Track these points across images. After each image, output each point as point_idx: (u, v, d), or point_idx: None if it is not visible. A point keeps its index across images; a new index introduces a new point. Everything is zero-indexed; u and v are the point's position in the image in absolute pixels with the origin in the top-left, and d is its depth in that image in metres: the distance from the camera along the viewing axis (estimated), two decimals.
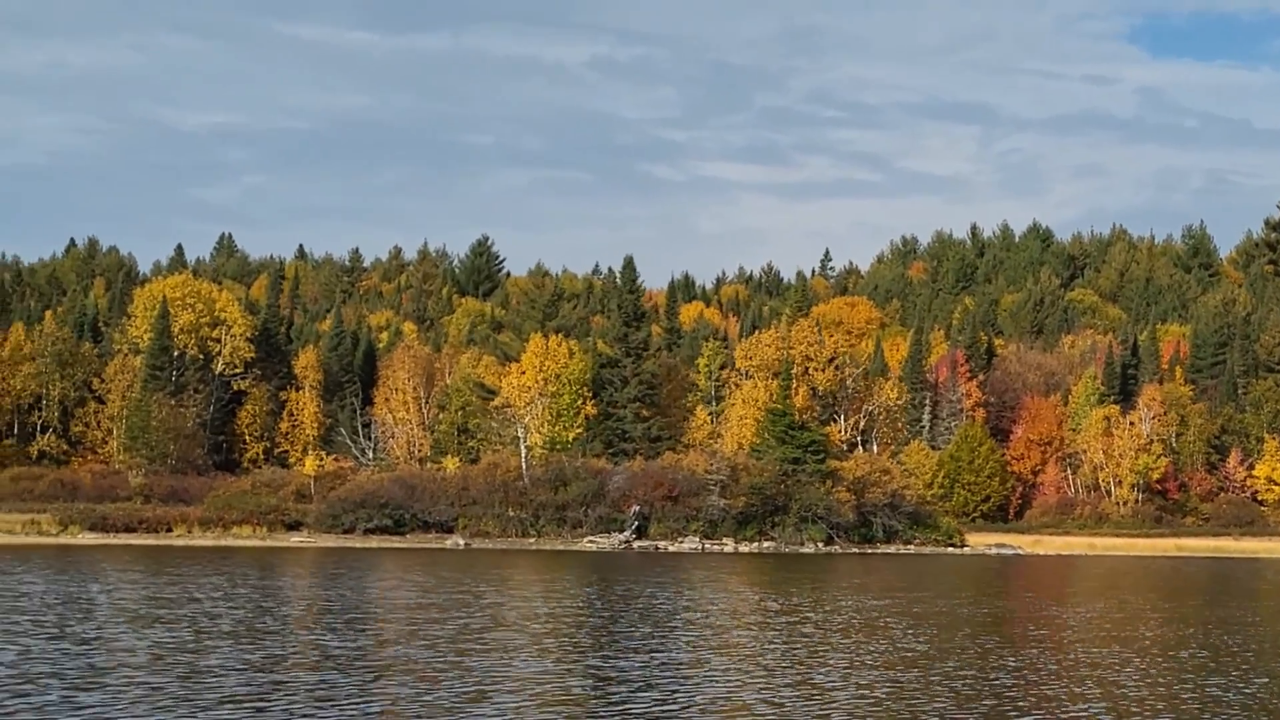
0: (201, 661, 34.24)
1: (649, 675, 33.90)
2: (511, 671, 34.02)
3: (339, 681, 31.48)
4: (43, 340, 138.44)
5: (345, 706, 28.13)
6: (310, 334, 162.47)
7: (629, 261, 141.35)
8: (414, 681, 31.74)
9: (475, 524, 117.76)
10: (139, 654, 35.47)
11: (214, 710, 27.34)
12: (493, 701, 29.26)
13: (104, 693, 29.12)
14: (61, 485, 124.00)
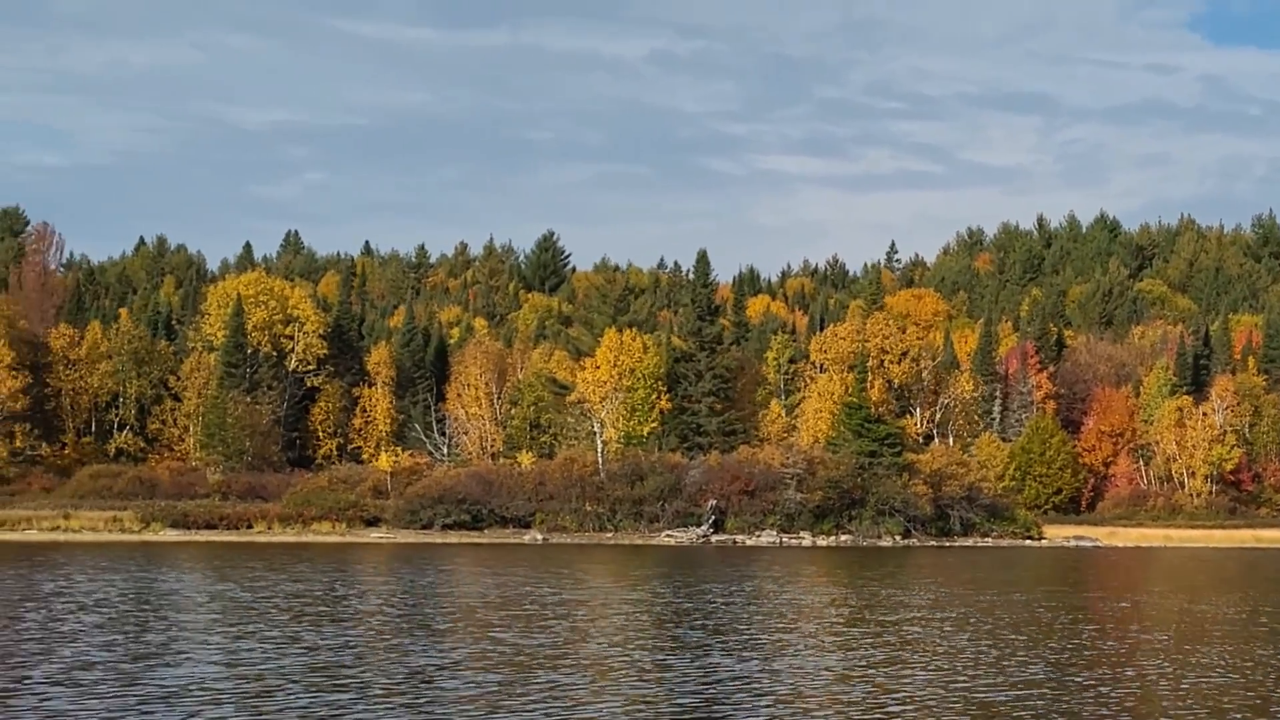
0: (415, 660, 34.23)
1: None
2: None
3: (576, 682, 31.44)
4: (119, 339, 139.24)
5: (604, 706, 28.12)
6: (381, 330, 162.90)
7: (702, 255, 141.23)
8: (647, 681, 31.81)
9: (552, 519, 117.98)
10: (343, 653, 35.48)
11: (468, 711, 27.39)
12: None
13: (349, 692, 29.14)
14: (140, 483, 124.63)
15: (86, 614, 43.97)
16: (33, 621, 41.37)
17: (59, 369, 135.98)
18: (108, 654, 34.43)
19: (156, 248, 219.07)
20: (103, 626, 40.49)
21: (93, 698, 27.83)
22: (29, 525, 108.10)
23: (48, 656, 33.64)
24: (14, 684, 29.30)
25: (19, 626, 40.05)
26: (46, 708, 26.59)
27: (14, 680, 29.81)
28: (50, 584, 56.77)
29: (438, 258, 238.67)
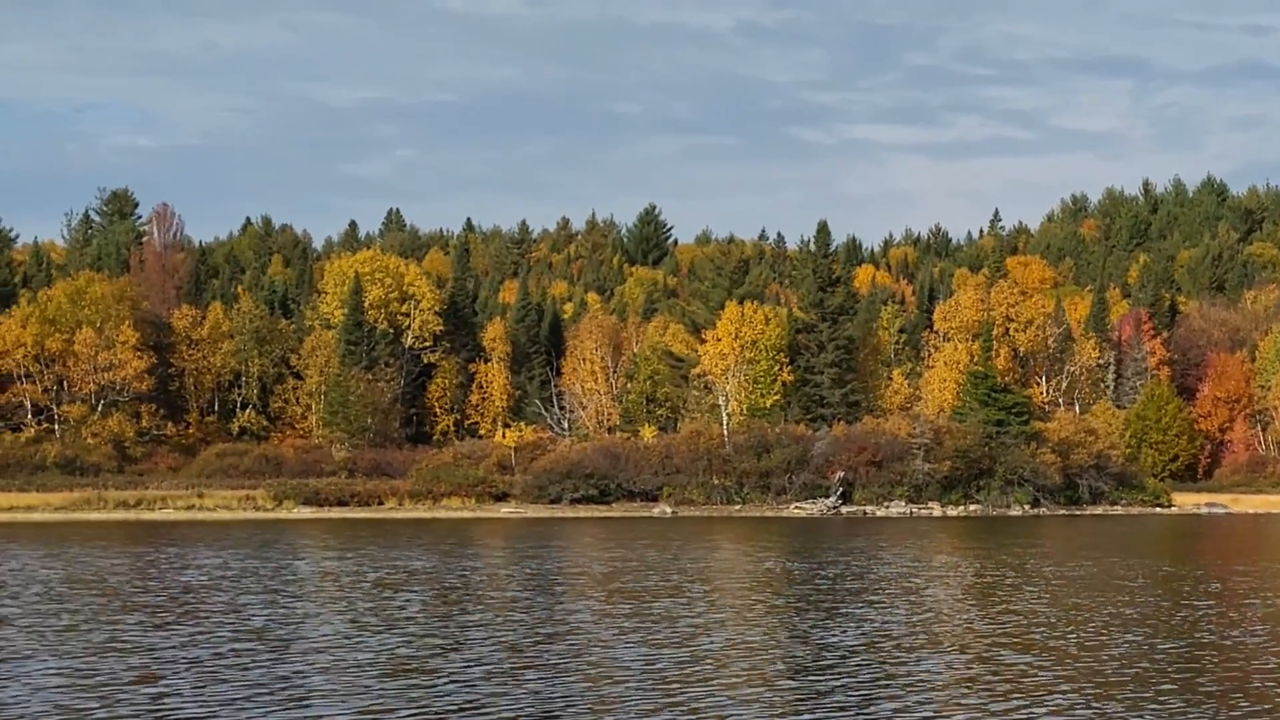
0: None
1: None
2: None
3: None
4: (240, 318, 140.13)
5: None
6: (494, 307, 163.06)
7: (823, 226, 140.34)
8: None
9: (680, 492, 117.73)
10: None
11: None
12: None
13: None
14: (266, 461, 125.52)
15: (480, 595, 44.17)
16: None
17: (182, 349, 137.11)
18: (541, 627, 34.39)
19: (263, 227, 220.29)
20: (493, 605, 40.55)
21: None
22: (164, 504, 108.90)
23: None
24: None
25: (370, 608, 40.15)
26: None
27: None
28: (303, 564, 57.03)
29: (539, 233, 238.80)
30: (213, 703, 24.49)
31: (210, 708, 24.05)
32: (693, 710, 24.13)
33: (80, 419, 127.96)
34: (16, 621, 35.76)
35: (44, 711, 23.55)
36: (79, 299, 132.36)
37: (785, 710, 24.21)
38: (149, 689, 25.66)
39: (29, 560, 57.66)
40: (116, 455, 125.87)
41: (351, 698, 24.90)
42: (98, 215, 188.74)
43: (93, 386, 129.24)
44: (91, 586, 45.64)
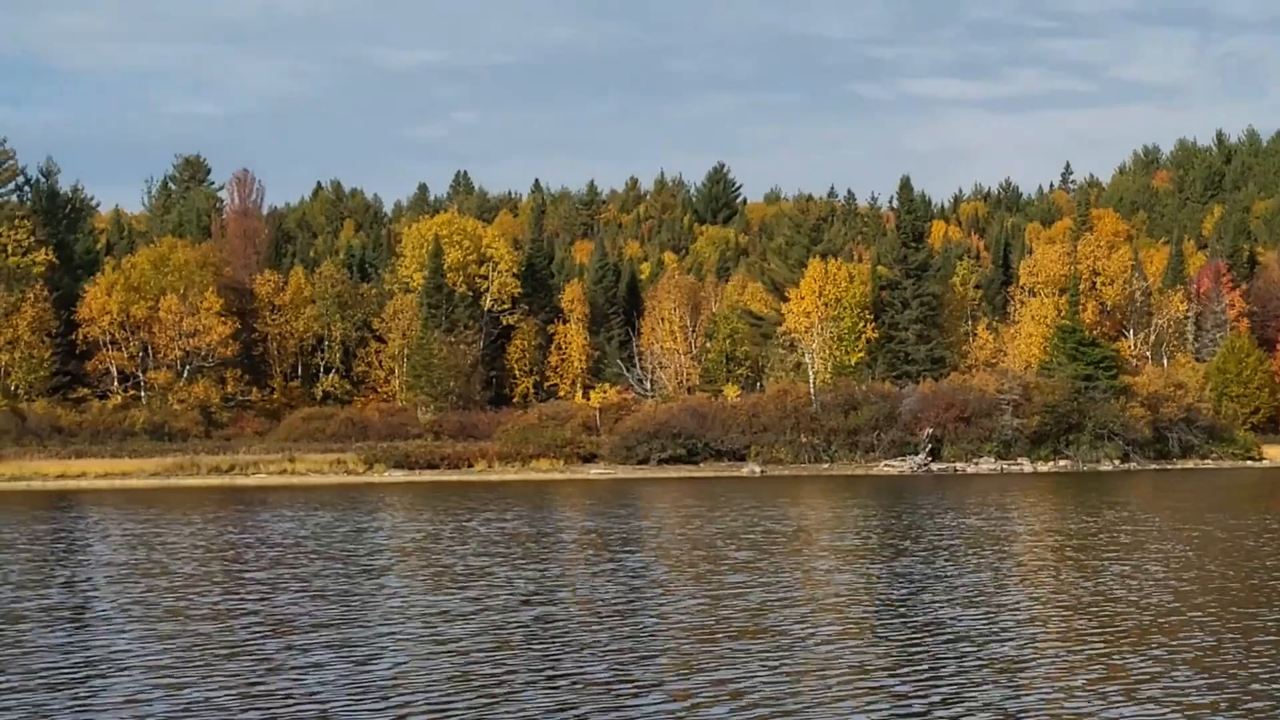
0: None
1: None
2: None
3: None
4: (323, 283, 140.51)
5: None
6: (570, 268, 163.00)
7: (905, 181, 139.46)
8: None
9: (767, 451, 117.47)
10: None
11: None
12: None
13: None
14: (352, 424, 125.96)
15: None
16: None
17: (265, 314, 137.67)
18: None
19: (333, 192, 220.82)
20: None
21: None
22: (256, 469, 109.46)
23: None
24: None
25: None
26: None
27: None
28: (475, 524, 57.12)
29: (607, 193, 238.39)
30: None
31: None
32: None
33: (166, 385, 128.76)
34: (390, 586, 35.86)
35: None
36: (162, 266, 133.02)
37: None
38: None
39: (232, 525, 57.96)
40: (203, 421, 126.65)
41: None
42: (172, 183, 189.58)
43: (178, 353, 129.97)
44: (381, 552, 45.53)
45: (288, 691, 21.96)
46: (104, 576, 38.49)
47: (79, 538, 52.34)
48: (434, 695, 21.60)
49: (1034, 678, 22.89)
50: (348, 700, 21.30)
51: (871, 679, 22.86)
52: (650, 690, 21.76)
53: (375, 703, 21.15)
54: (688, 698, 21.28)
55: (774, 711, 20.35)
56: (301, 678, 23.09)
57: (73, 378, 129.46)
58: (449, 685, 22.36)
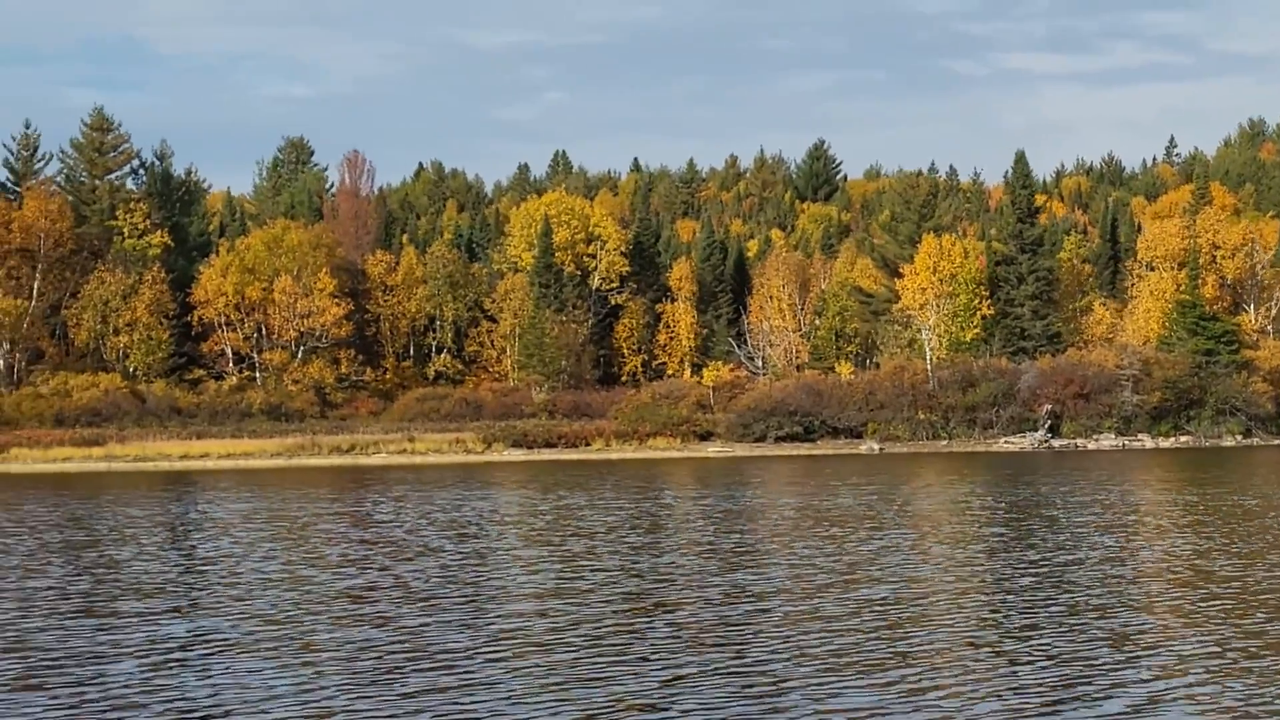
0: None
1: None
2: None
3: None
4: (434, 263, 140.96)
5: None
6: (677, 247, 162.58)
7: (1020, 156, 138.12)
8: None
9: (885, 429, 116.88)
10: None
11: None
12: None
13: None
14: (466, 404, 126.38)
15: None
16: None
17: (377, 295, 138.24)
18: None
19: (435, 173, 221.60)
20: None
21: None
22: (376, 449, 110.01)
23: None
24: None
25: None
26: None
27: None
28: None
29: (706, 171, 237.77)
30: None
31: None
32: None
33: (281, 366, 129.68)
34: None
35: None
36: (276, 247, 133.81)
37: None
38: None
39: (428, 503, 58.26)
40: (318, 401, 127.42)
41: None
42: (270, 165, 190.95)
43: (292, 334, 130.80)
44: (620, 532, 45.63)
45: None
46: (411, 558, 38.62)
47: (282, 515, 52.65)
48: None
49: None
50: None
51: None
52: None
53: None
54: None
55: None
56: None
57: (188, 359, 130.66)
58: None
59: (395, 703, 19.46)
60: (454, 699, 19.62)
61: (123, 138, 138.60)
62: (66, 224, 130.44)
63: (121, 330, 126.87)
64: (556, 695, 19.74)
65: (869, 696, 19.49)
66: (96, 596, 30.60)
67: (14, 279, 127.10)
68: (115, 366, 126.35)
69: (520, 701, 19.39)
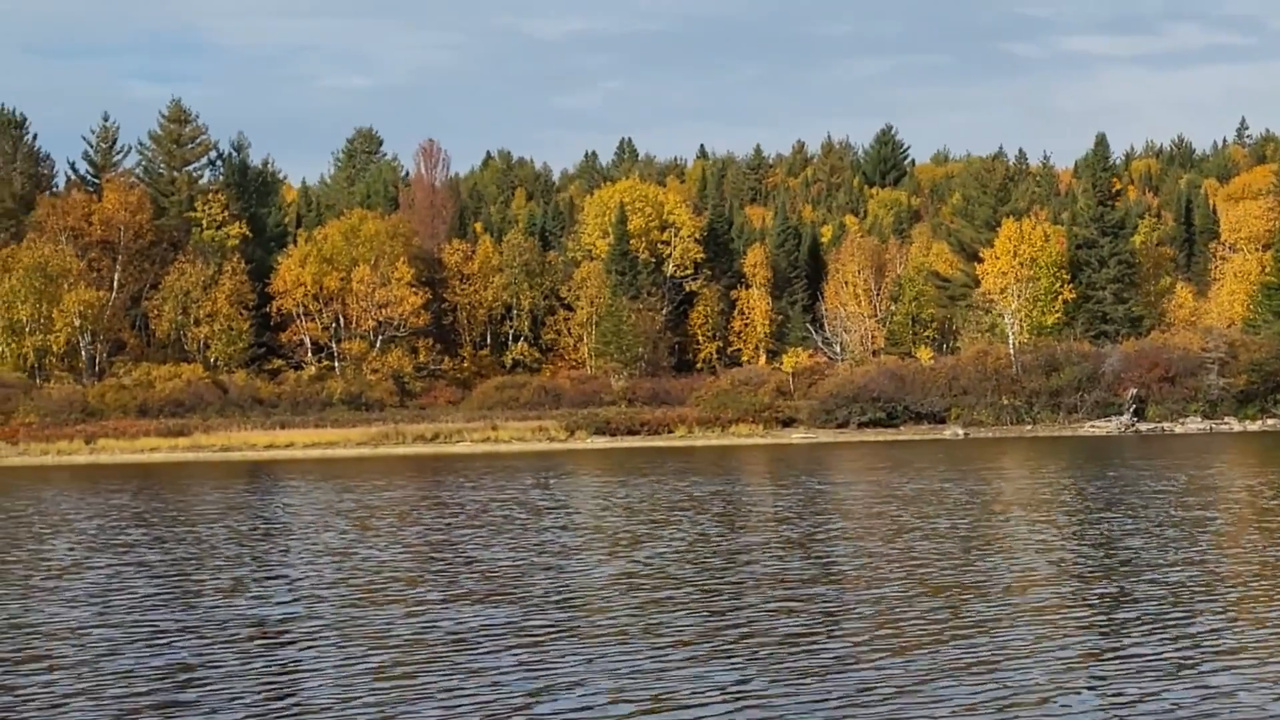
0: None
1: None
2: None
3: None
4: (510, 252, 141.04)
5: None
6: (750, 233, 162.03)
7: (1101, 139, 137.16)
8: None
9: (968, 413, 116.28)
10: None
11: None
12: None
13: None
14: (544, 392, 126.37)
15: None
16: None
17: (454, 284, 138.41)
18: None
19: (503, 161, 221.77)
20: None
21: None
22: (460, 437, 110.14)
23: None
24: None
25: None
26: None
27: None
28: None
29: (773, 157, 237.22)
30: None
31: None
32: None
33: (360, 355, 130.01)
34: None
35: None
36: (353, 237, 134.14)
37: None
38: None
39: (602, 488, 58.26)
40: (396, 390, 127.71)
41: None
42: (344, 155, 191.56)
43: (371, 323, 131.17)
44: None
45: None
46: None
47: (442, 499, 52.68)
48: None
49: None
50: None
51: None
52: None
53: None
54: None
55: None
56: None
57: (267, 349, 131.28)
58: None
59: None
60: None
61: (200, 129, 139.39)
62: (146, 216, 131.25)
63: (202, 321, 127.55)
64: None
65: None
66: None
67: (95, 271, 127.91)
68: (196, 357, 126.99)
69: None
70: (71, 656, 22.08)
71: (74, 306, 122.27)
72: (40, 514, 50.85)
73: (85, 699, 19.05)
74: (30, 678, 20.49)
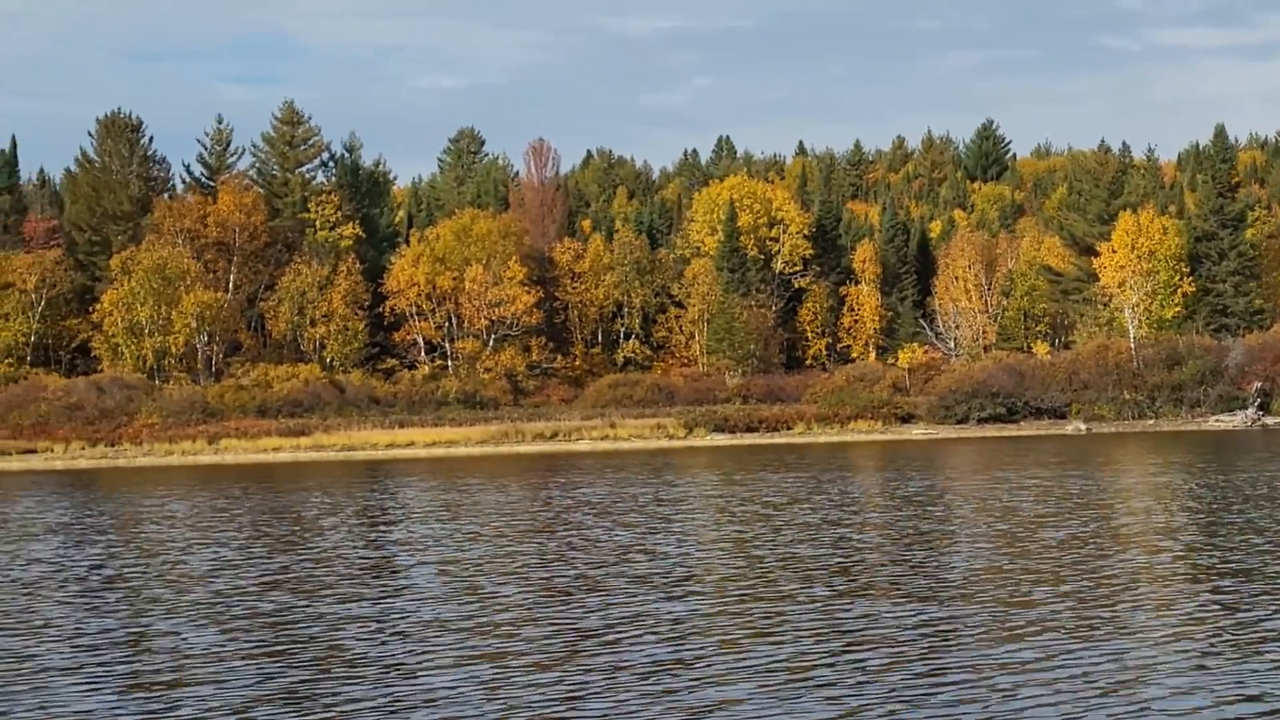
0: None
1: None
2: None
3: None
4: (622, 250, 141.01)
5: None
6: (859, 229, 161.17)
7: (1220, 130, 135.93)
8: None
9: (1089, 408, 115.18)
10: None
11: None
12: None
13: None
14: (658, 390, 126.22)
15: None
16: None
17: (565, 282, 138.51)
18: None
19: (603, 160, 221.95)
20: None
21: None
22: (579, 435, 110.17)
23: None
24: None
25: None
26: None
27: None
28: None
29: (872, 153, 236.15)
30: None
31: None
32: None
33: (473, 354, 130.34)
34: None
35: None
36: (465, 236, 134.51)
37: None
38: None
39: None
40: (510, 389, 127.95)
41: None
42: (452, 155, 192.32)
43: (484, 322, 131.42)
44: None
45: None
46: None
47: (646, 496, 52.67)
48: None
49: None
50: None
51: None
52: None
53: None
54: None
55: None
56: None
57: (380, 349, 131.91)
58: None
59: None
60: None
61: (312, 131, 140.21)
62: (260, 217, 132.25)
63: (318, 321, 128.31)
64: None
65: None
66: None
67: (211, 272, 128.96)
68: (312, 357, 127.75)
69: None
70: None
71: (192, 308, 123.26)
72: (287, 510, 51.19)
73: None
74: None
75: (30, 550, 38.75)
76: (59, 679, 20.47)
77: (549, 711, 17.90)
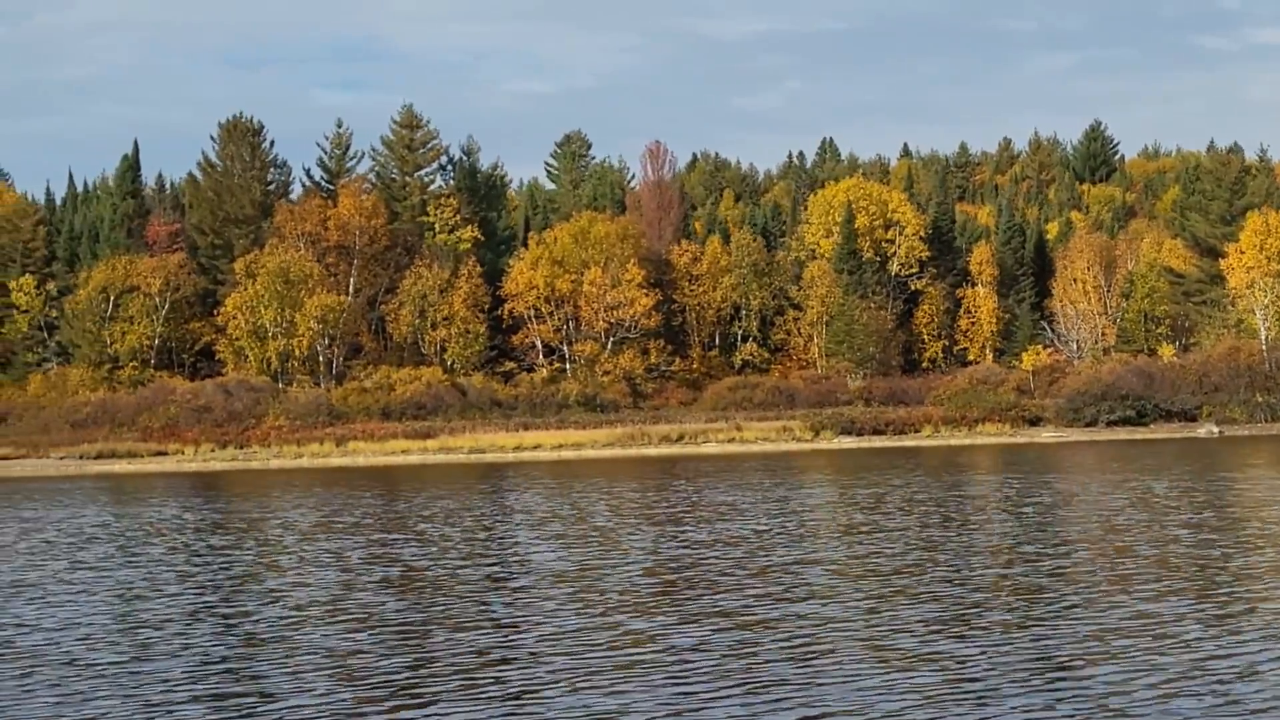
0: None
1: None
2: None
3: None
4: (739, 252, 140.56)
5: None
6: (973, 230, 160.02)
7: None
8: None
9: (1220, 411, 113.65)
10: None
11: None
12: None
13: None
14: (778, 392, 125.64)
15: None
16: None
17: (683, 285, 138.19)
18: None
19: (707, 163, 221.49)
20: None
21: None
22: (705, 438, 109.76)
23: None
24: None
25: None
26: None
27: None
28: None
29: (978, 154, 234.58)
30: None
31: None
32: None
33: (592, 357, 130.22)
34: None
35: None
36: (583, 239, 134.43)
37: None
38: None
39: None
40: (629, 391, 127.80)
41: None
42: (566, 157, 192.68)
43: (602, 325, 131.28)
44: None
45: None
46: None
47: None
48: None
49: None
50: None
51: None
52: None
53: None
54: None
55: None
56: None
57: (499, 352, 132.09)
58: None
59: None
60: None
61: (431, 134, 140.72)
62: (380, 220, 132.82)
63: (439, 324, 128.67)
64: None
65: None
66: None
67: (332, 275, 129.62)
68: (433, 360, 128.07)
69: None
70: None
71: (315, 311, 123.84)
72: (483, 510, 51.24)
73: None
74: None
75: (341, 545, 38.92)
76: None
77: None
